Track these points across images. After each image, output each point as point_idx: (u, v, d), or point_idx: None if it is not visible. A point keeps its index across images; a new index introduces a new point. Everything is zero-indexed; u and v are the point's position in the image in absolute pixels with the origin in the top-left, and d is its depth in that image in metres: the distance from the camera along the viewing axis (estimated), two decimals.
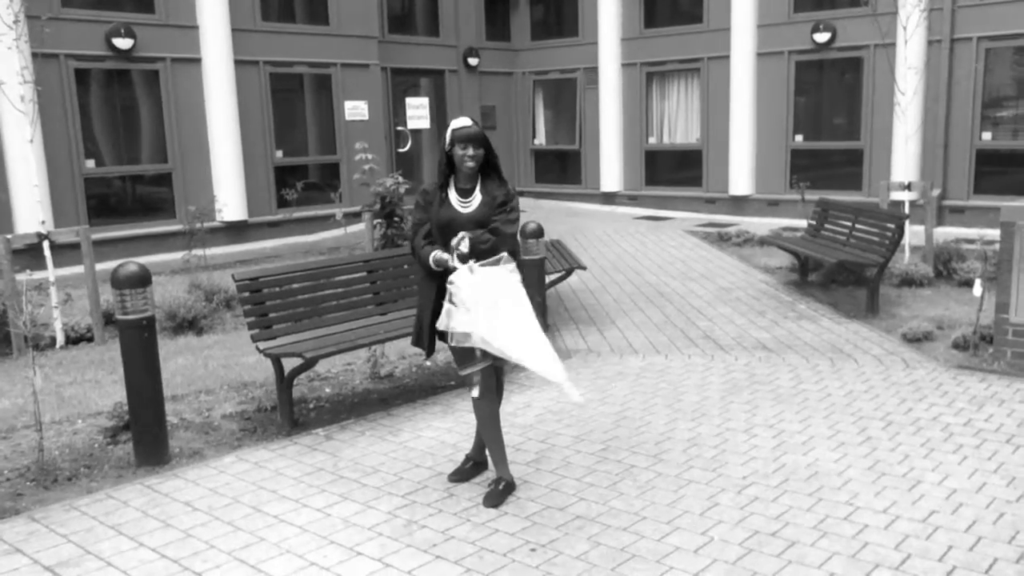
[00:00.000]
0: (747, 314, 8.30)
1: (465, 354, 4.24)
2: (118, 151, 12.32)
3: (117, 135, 12.32)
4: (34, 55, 10.36)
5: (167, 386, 5.70)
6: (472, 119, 4.31)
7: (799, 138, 14.76)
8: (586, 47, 17.16)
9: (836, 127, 14.59)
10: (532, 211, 15.53)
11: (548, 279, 7.66)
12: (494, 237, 4.18)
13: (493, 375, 4.37)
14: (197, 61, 12.71)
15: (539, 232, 6.97)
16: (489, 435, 4.39)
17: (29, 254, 8.55)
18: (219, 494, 4.49)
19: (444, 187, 4.31)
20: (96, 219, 11.67)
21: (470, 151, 4.20)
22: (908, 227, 8.79)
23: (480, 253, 4.10)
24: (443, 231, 4.23)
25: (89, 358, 7.28)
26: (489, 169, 4.32)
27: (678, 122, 16.37)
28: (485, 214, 4.24)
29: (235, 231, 13.21)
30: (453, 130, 4.22)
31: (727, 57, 15.10)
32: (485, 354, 4.21)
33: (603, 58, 16.70)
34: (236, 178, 13.04)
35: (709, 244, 12.45)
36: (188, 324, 8.06)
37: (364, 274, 6.13)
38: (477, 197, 4.28)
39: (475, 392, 4.30)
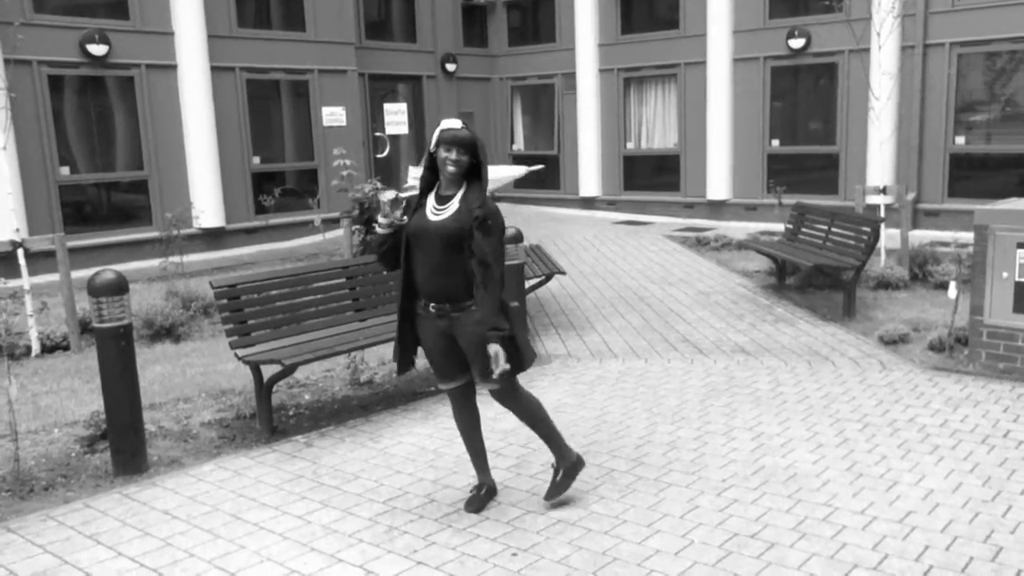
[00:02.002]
0: (726, 318, 8.35)
1: (444, 370, 4.18)
2: (93, 158, 12.22)
3: (92, 142, 12.21)
4: (6, 61, 10.27)
5: (145, 394, 5.65)
6: (464, 123, 4.01)
7: (775, 143, 14.88)
8: (563, 53, 17.22)
9: (812, 132, 14.72)
10: (511, 216, 15.51)
11: (528, 284, 7.67)
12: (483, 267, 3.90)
13: (472, 389, 4.31)
14: (173, 67, 12.64)
15: (518, 237, 6.98)
16: (469, 442, 4.39)
17: (3, 262, 8.47)
18: (198, 502, 4.46)
19: (425, 193, 4.05)
20: (71, 226, 11.56)
21: (453, 155, 3.90)
22: (883, 230, 8.88)
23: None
24: (411, 241, 4.00)
25: (65, 367, 7.21)
26: (476, 178, 4.00)
27: (656, 127, 16.46)
28: (456, 226, 3.90)
29: (212, 238, 13.13)
30: (440, 131, 3.95)
31: (704, 63, 15.21)
32: (464, 371, 4.16)
33: (580, 64, 16.77)
34: (213, 185, 12.97)
35: (687, 248, 12.51)
36: (165, 332, 8.00)
37: (343, 280, 6.12)
38: (454, 205, 3.95)
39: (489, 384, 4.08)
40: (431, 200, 4.02)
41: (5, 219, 10.02)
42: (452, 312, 4.02)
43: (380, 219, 4.02)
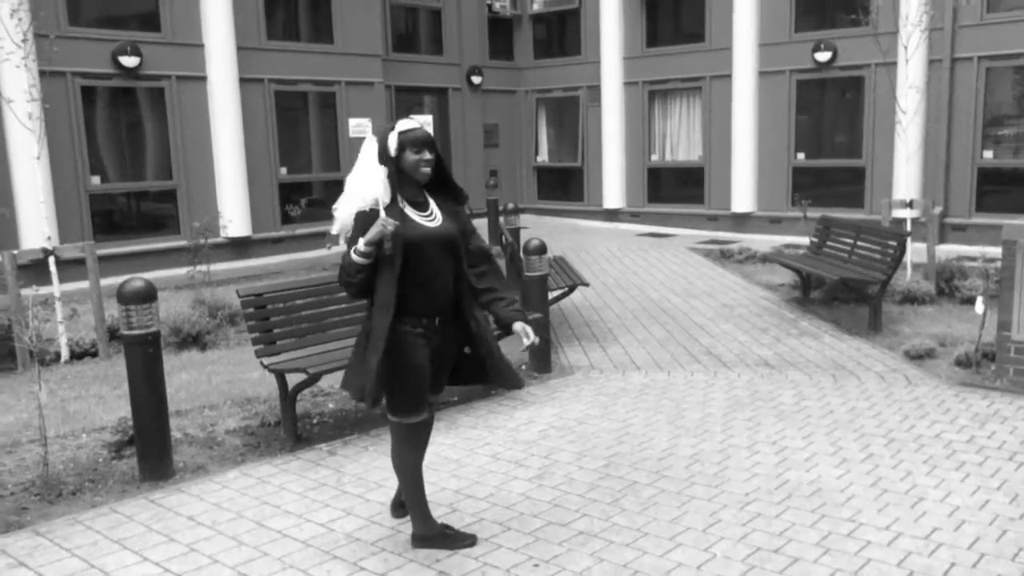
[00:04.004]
0: (749, 331, 8.31)
1: (423, 398, 3.78)
2: (123, 168, 12.40)
3: (122, 152, 12.39)
4: (41, 73, 10.41)
5: (171, 401, 5.70)
6: (417, 121, 3.79)
7: (801, 156, 14.82)
8: (589, 65, 17.26)
9: (838, 145, 14.65)
10: (535, 228, 15.57)
11: (551, 295, 7.68)
12: (488, 265, 3.88)
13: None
14: (203, 79, 12.80)
15: (542, 249, 7.00)
16: (418, 482, 4.03)
17: (35, 269, 8.57)
18: (223, 509, 4.50)
19: (394, 202, 3.70)
20: (101, 235, 11.72)
21: (426, 155, 3.68)
22: (910, 245, 8.81)
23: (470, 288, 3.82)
24: (412, 251, 3.63)
25: (93, 373, 7.31)
26: (438, 179, 3.80)
27: (680, 140, 16.44)
28: (457, 231, 3.75)
29: (239, 247, 13.26)
30: (400, 132, 3.66)
31: (729, 76, 15.19)
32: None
33: (605, 76, 16.79)
34: (240, 195, 13.11)
35: (711, 261, 12.48)
36: (192, 339, 8.08)
37: None
38: (436, 209, 3.77)
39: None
40: (408, 209, 3.72)
41: (37, 227, 10.19)
42: (442, 327, 3.78)
43: (363, 247, 3.59)
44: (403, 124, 3.71)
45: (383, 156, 3.70)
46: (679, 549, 3.95)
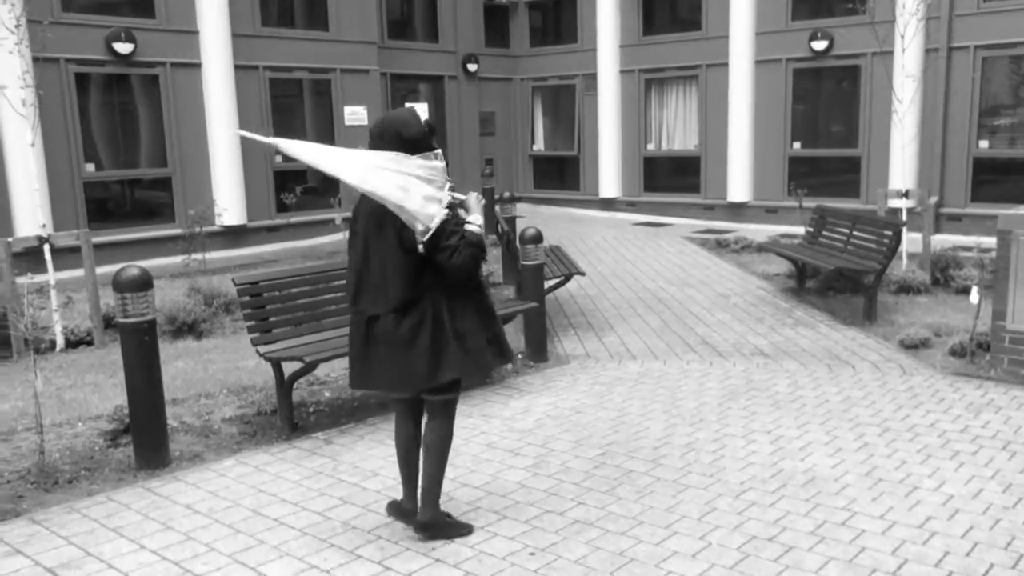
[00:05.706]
0: (745, 320, 8.32)
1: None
2: (118, 155, 12.35)
3: (117, 139, 12.34)
4: (35, 59, 10.37)
5: (167, 390, 5.69)
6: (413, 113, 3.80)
7: (797, 145, 14.81)
8: (585, 53, 17.22)
9: (834, 135, 14.65)
10: (531, 217, 15.55)
11: (547, 285, 7.68)
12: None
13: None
14: (197, 66, 12.74)
15: (538, 238, 6.99)
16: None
17: (30, 257, 8.56)
18: (219, 497, 4.50)
19: None
20: (96, 223, 11.68)
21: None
22: (905, 234, 8.82)
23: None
24: None
25: (89, 361, 7.30)
26: None
27: (676, 129, 16.43)
28: None
29: (234, 235, 13.23)
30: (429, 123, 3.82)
31: (725, 64, 15.16)
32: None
33: (602, 65, 16.75)
34: (236, 183, 13.06)
35: (707, 251, 12.48)
36: (188, 328, 8.07)
37: None
38: None
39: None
40: None
41: (32, 215, 10.17)
42: None
43: (479, 217, 3.76)
44: (418, 111, 3.82)
45: (426, 141, 3.70)
46: (675, 537, 3.97)
